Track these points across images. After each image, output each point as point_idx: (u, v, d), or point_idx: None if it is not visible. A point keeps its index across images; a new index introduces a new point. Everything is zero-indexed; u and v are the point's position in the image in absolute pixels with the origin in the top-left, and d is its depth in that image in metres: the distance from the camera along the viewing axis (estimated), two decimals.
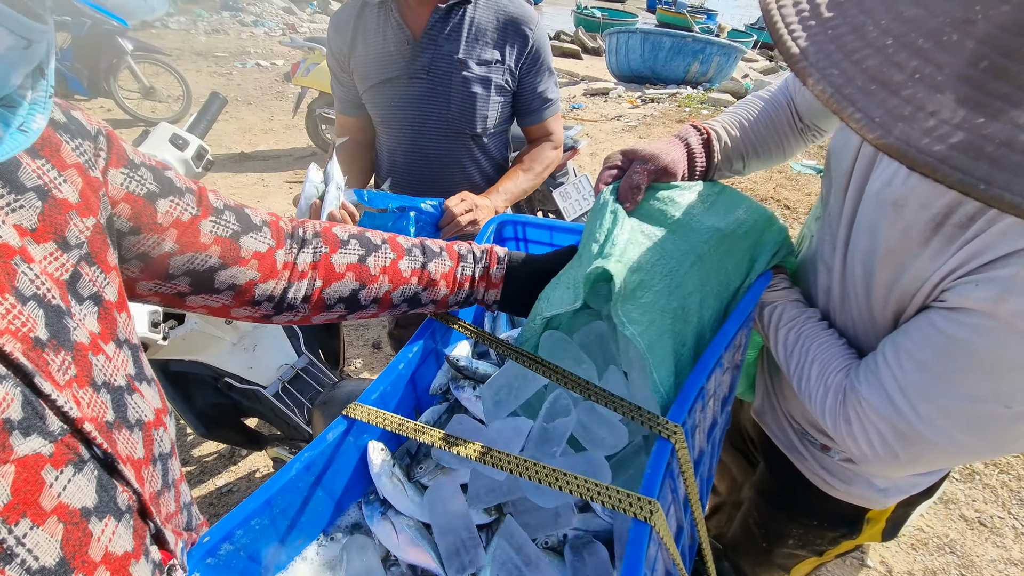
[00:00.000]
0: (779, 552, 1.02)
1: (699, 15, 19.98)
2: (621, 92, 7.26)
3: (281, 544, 0.64)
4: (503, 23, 1.17)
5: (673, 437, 0.56)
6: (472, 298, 0.75)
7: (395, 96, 1.20)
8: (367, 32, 1.18)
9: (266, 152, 4.61)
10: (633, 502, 0.51)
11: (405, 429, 0.64)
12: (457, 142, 1.26)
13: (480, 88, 1.19)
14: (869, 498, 0.86)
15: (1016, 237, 0.52)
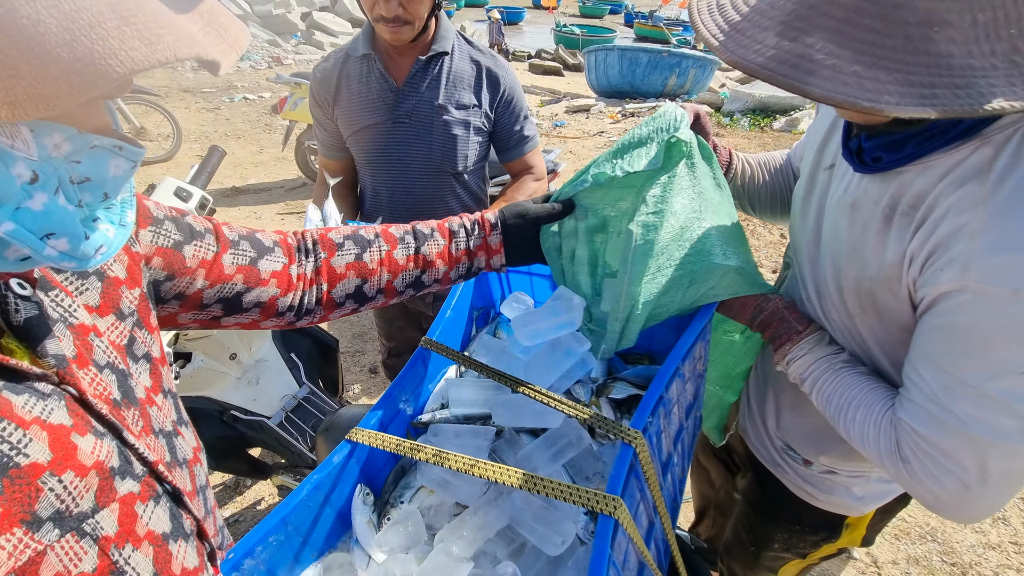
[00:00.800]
0: (766, 555, 1.10)
1: (675, 27, 20.48)
2: (602, 108, 7.45)
3: (295, 559, 0.72)
4: (478, 72, 1.28)
5: (635, 442, 0.65)
6: (476, 268, 0.78)
7: (380, 139, 1.30)
8: (351, 81, 1.28)
9: (257, 185, 4.71)
10: (599, 500, 0.60)
11: (402, 449, 0.73)
12: (439, 180, 1.35)
13: (460, 130, 1.29)
14: (848, 506, 0.93)
15: (955, 216, 0.57)
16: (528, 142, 1.38)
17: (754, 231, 3.83)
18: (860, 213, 0.69)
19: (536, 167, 1.42)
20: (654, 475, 0.70)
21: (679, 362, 0.75)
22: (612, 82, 8.34)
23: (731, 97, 6.85)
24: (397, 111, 1.26)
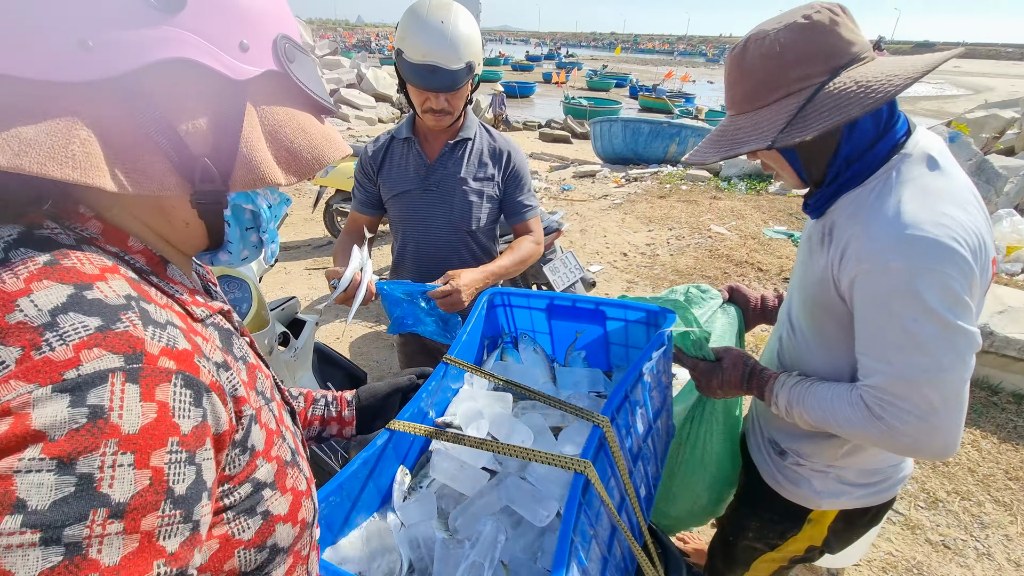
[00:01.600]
0: (740, 545, 1.25)
1: (678, 99, 21.73)
2: (607, 173, 7.94)
3: (345, 519, 0.94)
4: (492, 151, 1.60)
5: (602, 424, 0.88)
6: (326, 434, 0.93)
7: (412, 203, 1.60)
8: (394, 157, 1.60)
9: (287, 243, 5.12)
10: (573, 463, 0.82)
11: (429, 434, 0.96)
12: (456, 236, 1.64)
13: (475, 197, 1.59)
14: (809, 499, 1.09)
15: (846, 227, 0.86)
16: (529, 210, 1.66)
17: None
18: (810, 242, 0.99)
19: (535, 232, 1.69)
20: (621, 456, 0.92)
21: (640, 367, 0.98)
22: (616, 149, 8.93)
23: (728, 163, 7.30)
24: (427, 181, 1.57)
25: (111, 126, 0.41)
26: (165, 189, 0.44)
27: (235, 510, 0.48)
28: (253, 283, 1.47)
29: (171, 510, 0.38)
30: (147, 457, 0.37)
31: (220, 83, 0.45)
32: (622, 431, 0.96)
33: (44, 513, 0.33)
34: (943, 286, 0.76)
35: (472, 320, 1.21)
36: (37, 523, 0.33)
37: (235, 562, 0.49)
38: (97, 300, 0.39)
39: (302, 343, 1.69)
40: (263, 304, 1.47)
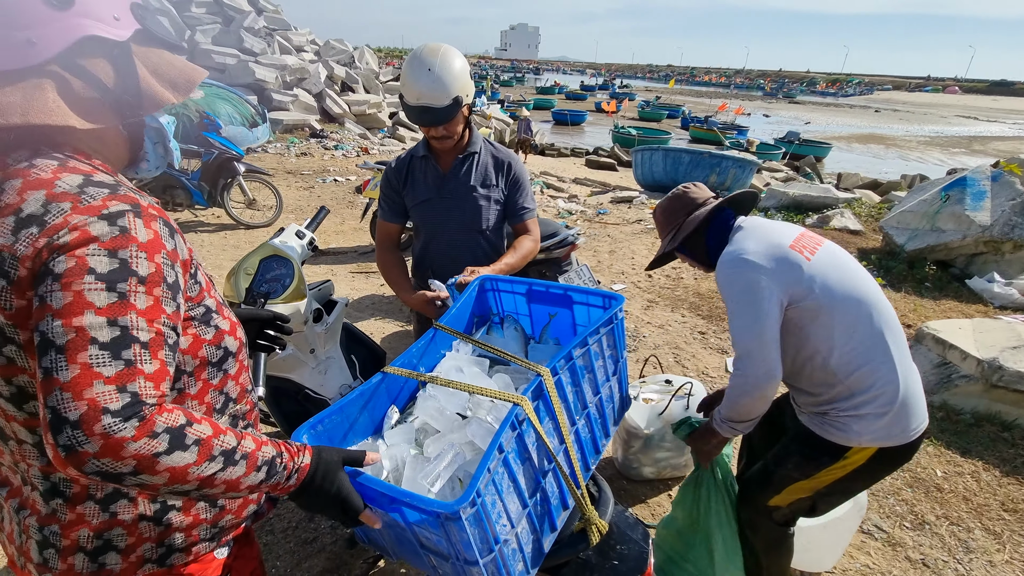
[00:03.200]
0: (778, 473, 1.49)
1: (730, 131, 21.61)
2: (644, 199, 8.11)
3: (343, 437, 1.20)
4: (495, 162, 1.88)
5: (542, 373, 1.11)
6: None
7: (431, 209, 1.89)
8: (415, 172, 1.91)
9: (336, 249, 5.60)
10: (511, 397, 1.05)
11: (415, 376, 1.22)
12: (469, 236, 1.92)
13: (484, 202, 1.87)
14: (848, 439, 1.37)
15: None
16: (527, 212, 1.92)
17: None
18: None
19: (532, 231, 1.94)
20: (558, 401, 1.14)
21: (586, 336, 1.21)
22: (656, 177, 9.10)
23: (768, 194, 7.32)
24: (443, 191, 1.86)
25: (63, 86, 0.67)
26: (108, 120, 0.70)
27: (197, 321, 0.79)
28: (296, 263, 1.79)
29: (166, 290, 0.67)
30: (152, 256, 0.66)
31: (113, 45, 0.70)
32: (565, 388, 1.19)
33: (104, 275, 0.62)
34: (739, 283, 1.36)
35: (463, 297, 1.48)
36: (102, 278, 0.61)
37: (203, 352, 0.80)
38: (100, 180, 0.69)
39: (332, 319, 2.00)
40: (303, 280, 1.79)
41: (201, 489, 0.66)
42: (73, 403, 0.56)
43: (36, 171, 0.65)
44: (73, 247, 0.60)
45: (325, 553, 2.02)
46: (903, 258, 5.14)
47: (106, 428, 0.56)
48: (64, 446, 0.56)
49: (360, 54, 16.51)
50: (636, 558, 1.20)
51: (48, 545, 0.74)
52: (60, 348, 0.57)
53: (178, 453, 0.62)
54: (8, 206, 0.63)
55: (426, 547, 1.03)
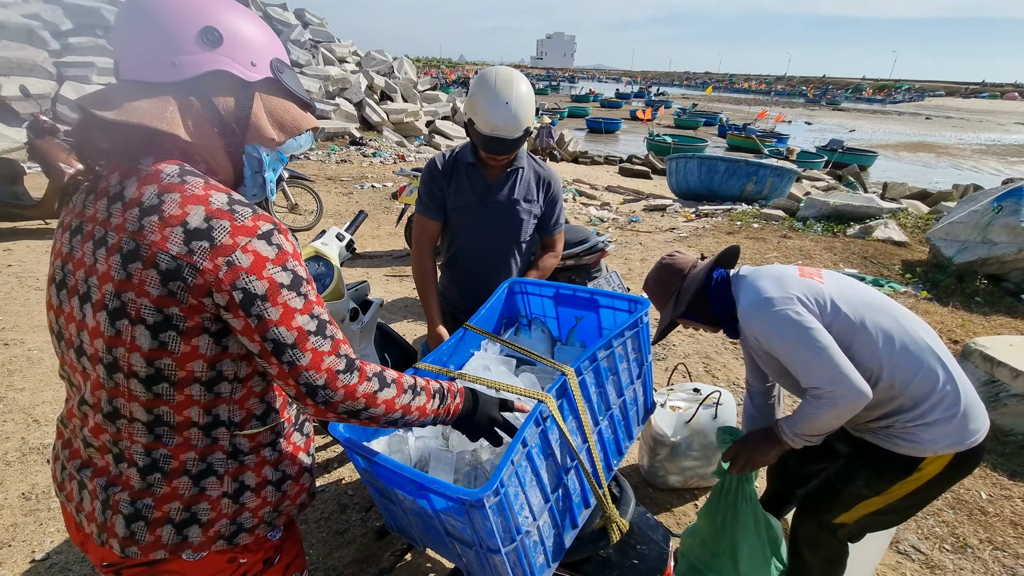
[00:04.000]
0: (846, 491, 1.43)
1: (769, 139, 21.09)
2: (678, 208, 8.02)
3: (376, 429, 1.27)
4: (537, 178, 1.92)
5: (566, 371, 1.14)
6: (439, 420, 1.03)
7: (471, 216, 1.91)
8: (460, 175, 1.91)
9: (372, 252, 5.77)
10: (536, 394, 1.09)
11: (449, 373, 1.27)
12: (508, 247, 1.95)
13: (524, 215, 1.90)
14: (921, 449, 1.32)
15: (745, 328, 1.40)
16: (557, 228, 1.98)
17: None
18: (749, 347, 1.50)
19: (557, 247, 2.01)
20: (582, 401, 1.18)
21: (611, 339, 1.24)
22: (691, 186, 8.97)
23: (807, 204, 7.13)
24: (486, 200, 1.88)
25: (184, 104, 0.79)
26: (211, 139, 0.82)
27: None
28: (336, 264, 1.89)
29: (313, 284, 0.81)
30: (299, 260, 0.80)
31: (240, 83, 0.82)
32: (589, 388, 1.22)
33: (289, 285, 0.77)
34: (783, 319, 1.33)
35: (492, 300, 1.53)
36: (291, 288, 0.77)
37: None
38: (239, 199, 0.79)
39: (367, 319, 2.09)
40: (341, 280, 1.88)
41: (405, 416, 0.88)
42: (318, 375, 0.78)
43: (190, 187, 0.76)
44: (256, 269, 0.75)
45: (355, 544, 2.09)
46: (951, 271, 4.92)
47: (343, 381, 0.80)
48: (322, 402, 0.78)
49: (399, 64, 16.96)
50: (656, 558, 1.22)
51: (138, 518, 0.82)
52: (293, 344, 0.77)
53: (386, 389, 0.85)
54: (173, 217, 0.74)
55: (451, 535, 1.08)
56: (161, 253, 0.73)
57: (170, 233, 0.73)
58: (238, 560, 0.91)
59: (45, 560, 1.95)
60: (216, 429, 0.83)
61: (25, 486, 2.25)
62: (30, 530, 2.06)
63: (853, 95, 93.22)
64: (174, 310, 0.74)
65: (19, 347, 3.28)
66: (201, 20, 0.78)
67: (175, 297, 0.74)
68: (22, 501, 2.18)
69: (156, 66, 0.76)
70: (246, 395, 0.85)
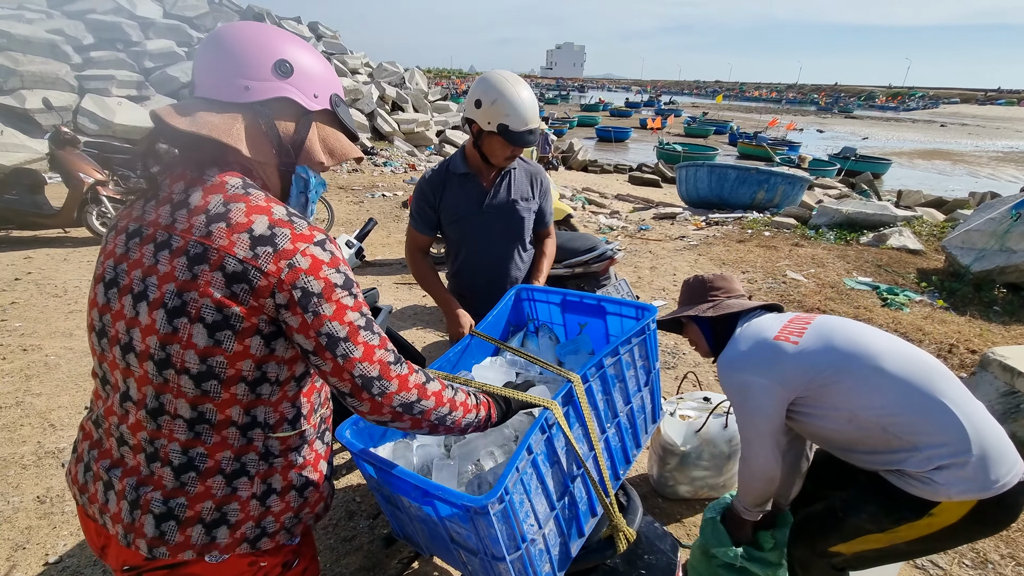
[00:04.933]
0: (849, 522, 1.37)
1: (780, 147, 20.97)
2: (688, 216, 7.98)
3: (383, 435, 1.27)
4: (528, 175, 1.97)
5: (572, 378, 1.14)
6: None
7: (473, 224, 1.94)
8: (454, 188, 1.94)
9: (382, 260, 5.81)
10: (541, 401, 1.09)
11: (450, 379, 1.28)
12: (512, 248, 1.99)
13: (524, 213, 1.94)
14: (935, 493, 1.23)
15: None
16: (551, 217, 2.06)
17: None
18: None
19: (552, 232, 2.11)
20: (588, 409, 1.17)
21: (617, 345, 1.24)
22: (701, 194, 8.94)
23: (819, 212, 7.06)
24: (485, 206, 1.91)
25: (250, 123, 0.85)
26: (267, 157, 0.88)
27: None
28: None
29: (356, 289, 0.85)
30: (347, 267, 0.85)
31: (302, 110, 0.90)
32: (596, 395, 1.21)
33: (342, 284, 0.81)
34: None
35: (499, 307, 1.53)
36: (343, 287, 0.81)
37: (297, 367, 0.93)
38: (295, 211, 0.85)
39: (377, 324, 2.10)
40: None
41: (452, 412, 0.92)
42: (371, 367, 0.82)
43: (254, 199, 0.83)
44: (314, 271, 0.80)
45: (363, 551, 2.09)
46: (968, 280, 4.83)
47: (395, 372, 0.84)
48: (377, 393, 0.82)
49: (411, 75, 17.17)
50: (664, 569, 1.20)
51: (169, 517, 0.84)
52: (345, 338, 0.81)
53: (431, 383, 0.90)
54: (240, 224, 0.80)
55: (456, 542, 1.07)
56: (229, 257, 0.79)
57: (237, 239, 0.79)
58: (259, 563, 0.92)
59: (58, 563, 1.97)
60: (253, 430, 0.86)
61: (40, 489, 2.28)
62: (44, 533, 2.08)
63: (866, 103, 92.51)
64: (235, 310, 0.79)
65: (37, 353, 3.34)
66: (278, 53, 0.87)
67: (237, 299, 0.79)
68: (37, 504, 2.21)
69: (231, 87, 0.85)
70: (281, 398, 0.88)
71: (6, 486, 2.29)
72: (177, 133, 0.82)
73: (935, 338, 3.84)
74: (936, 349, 3.73)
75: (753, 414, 1.40)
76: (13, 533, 2.07)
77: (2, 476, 2.34)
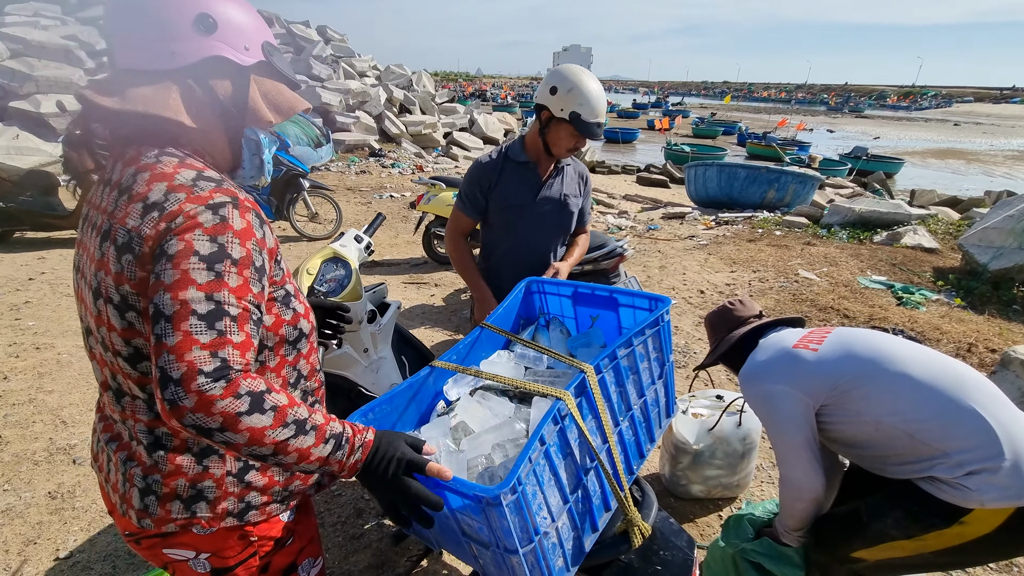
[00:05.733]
0: (873, 526, 1.30)
1: (790, 147, 20.78)
2: (697, 215, 7.92)
3: (391, 427, 1.25)
4: (578, 173, 2.02)
5: (586, 370, 1.12)
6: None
7: (524, 213, 1.95)
8: (510, 175, 1.94)
9: (390, 260, 5.81)
10: (553, 392, 1.06)
11: (460, 370, 1.26)
12: (557, 239, 2.04)
13: (573, 209, 2.01)
14: (965, 499, 1.16)
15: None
16: (589, 217, 2.11)
17: None
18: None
19: (588, 228, 2.15)
20: (601, 400, 1.14)
21: (631, 336, 1.21)
22: (711, 194, 8.86)
23: (831, 210, 6.97)
24: (539, 197, 1.95)
25: (185, 91, 0.80)
26: (211, 123, 0.82)
27: (279, 302, 0.88)
28: (354, 265, 1.90)
29: (254, 272, 0.76)
30: (244, 242, 0.75)
31: (236, 67, 0.83)
32: (609, 387, 1.19)
33: (205, 256, 0.72)
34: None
35: (509, 299, 1.51)
36: (203, 259, 0.71)
37: (283, 331, 0.88)
38: (209, 175, 0.79)
39: (385, 321, 2.08)
40: (359, 281, 1.89)
41: (276, 455, 0.72)
42: (176, 364, 0.66)
43: (161, 166, 0.77)
44: (183, 231, 0.71)
45: (371, 549, 2.07)
46: (986, 278, 4.74)
47: (200, 386, 0.66)
48: (168, 400, 0.66)
49: (418, 78, 17.24)
50: (680, 565, 1.17)
51: (149, 492, 0.84)
52: (168, 317, 0.68)
53: (256, 415, 0.69)
54: (139, 194, 0.75)
55: (467, 535, 1.05)
56: (120, 228, 0.74)
57: (131, 209, 0.74)
58: (249, 537, 0.91)
59: (68, 558, 1.97)
60: None
61: (52, 485, 2.29)
62: (55, 528, 2.09)
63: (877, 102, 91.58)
64: (126, 288, 0.75)
65: (50, 351, 3.37)
66: (194, 7, 0.78)
67: (124, 273, 0.74)
68: (48, 500, 2.22)
69: (155, 54, 0.77)
70: None
71: (18, 482, 2.30)
72: (110, 113, 0.77)
73: (953, 337, 3.77)
74: (955, 348, 3.65)
75: (782, 424, 1.37)
76: (25, 528, 2.08)
77: (14, 472, 2.36)
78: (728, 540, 1.62)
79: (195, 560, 0.89)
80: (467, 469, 1.13)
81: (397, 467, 0.81)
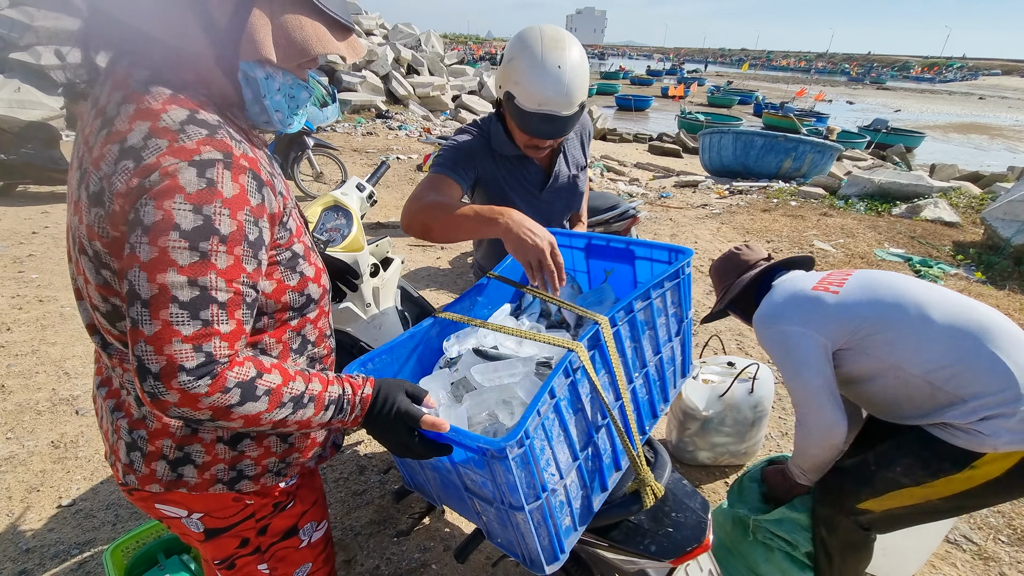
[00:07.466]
0: (881, 475, 1.28)
1: (808, 118, 20.14)
2: (710, 184, 7.71)
3: (392, 375, 1.19)
4: (579, 134, 1.65)
5: (599, 320, 1.04)
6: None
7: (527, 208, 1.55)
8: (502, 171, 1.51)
9: (395, 223, 5.71)
10: (566, 343, 0.99)
11: (465, 320, 1.19)
12: (563, 220, 1.71)
13: (582, 185, 1.67)
14: (979, 444, 1.15)
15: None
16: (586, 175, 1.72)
17: None
18: None
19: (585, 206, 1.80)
20: (616, 354, 1.07)
21: (648, 288, 1.13)
22: (725, 163, 8.61)
23: (849, 181, 6.76)
24: (545, 188, 1.59)
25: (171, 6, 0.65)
26: (198, 47, 0.66)
27: (283, 266, 0.76)
28: (356, 215, 1.81)
29: (247, 248, 0.65)
30: (235, 213, 0.64)
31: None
32: (624, 341, 1.11)
33: (188, 232, 0.60)
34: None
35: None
36: (186, 236, 0.60)
37: (286, 298, 0.78)
38: (203, 119, 0.65)
39: (388, 275, 2.01)
40: (361, 231, 1.80)
41: (276, 429, 0.71)
42: (154, 356, 0.59)
43: (149, 98, 0.64)
44: (161, 197, 0.60)
45: (373, 506, 2.06)
46: (1008, 253, 4.59)
47: (182, 384, 0.60)
48: (148, 393, 0.60)
49: (427, 38, 16.70)
50: (693, 527, 1.12)
51: (135, 448, 0.78)
52: (145, 302, 0.60)
53: (249, 404, 0.65)
54: (118, 132, 0.63)
55: (471, 491, 1.00)
56: (93, 173, 0.64)
57: (108, 151, 0.63)
58: (244, 500, 0.85)
59: (71, 506, 1.97)
60: None
61: (54, 435, 2.29)
62: (58, 477, 2.09)
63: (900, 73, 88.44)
64: (97, 245, 0.66)
65: (53, 304, 3.34)
66: None
67: (95, 229, 0.65)
68: (51, 449, 2.21)
69: None
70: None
71: (21, 430, 2.30)
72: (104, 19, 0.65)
73: None
74: None
75: (799, 367, 1.31)
76: (28, 476, 2.08)
77: (17, 420, 2.35)
78: (734, 505, 1.58)
79: (188, 519, 0.85)
80: (469, 426, 1.07)
81: (397, 419, 0.80)
